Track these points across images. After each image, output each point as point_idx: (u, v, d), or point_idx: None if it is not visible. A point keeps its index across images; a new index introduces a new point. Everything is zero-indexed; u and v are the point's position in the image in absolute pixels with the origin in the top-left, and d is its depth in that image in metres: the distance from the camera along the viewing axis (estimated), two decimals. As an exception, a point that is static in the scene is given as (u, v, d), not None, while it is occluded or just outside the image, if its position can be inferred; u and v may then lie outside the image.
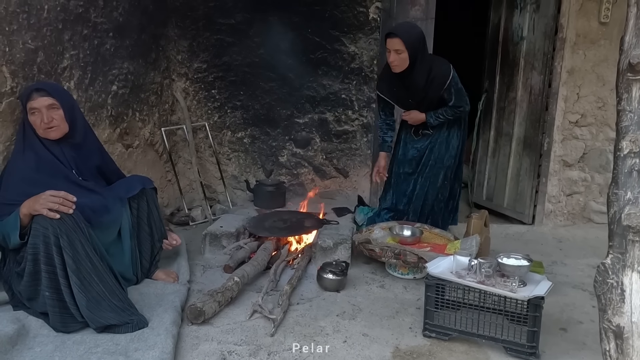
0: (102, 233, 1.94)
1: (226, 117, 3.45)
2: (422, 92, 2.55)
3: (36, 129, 1.83)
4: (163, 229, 2.27)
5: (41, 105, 1.81)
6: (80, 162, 1.94)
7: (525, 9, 3.21)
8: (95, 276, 1.71)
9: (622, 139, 1.08)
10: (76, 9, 2.23)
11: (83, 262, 1.68)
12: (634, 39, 1.07)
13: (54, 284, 1.67)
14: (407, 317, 2.01)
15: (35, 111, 1.81)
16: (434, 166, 2.70)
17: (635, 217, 1.04)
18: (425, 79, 2.51)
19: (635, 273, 1.04)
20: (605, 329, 1.10)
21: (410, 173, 2.76)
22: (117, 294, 1.77)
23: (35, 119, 1.81)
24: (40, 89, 1.84)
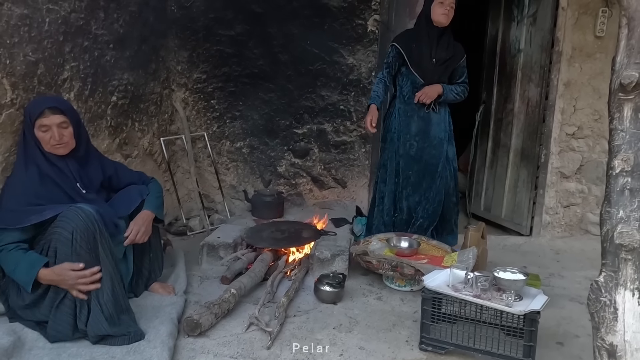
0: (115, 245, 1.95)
1: (225, 127, 3.46)
2: (446, 56, 2.60)
3: (43, 145, 1.82)
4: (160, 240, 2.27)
5: (53, 123, 1.81)
6: (84, 175, 1.96)
7: (522, 22, 3.25)
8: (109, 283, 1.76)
9: (614, 157, 1.09)
10: (77, 21, 2.26)
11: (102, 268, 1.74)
12: (625, 59, 1.09)
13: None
14: (403, 330, 2.01)
15: (46, 128, 1.81)
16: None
17: (627, 235, 1.04)
18: (452, 44, 2.63)
19: (628, 291, 1.05)
20: (598, 347, 1.10)
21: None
22: (123, 304, 1.80)
23: (44, 135, 1.81)
24: (54, 106, 1.84)
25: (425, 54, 2.60)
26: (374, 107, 2.65)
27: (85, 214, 1.73)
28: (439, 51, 2.59)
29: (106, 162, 2.14)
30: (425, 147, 2.68)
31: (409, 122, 2.67)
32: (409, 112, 2.67)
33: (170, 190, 3.34)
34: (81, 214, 1.71)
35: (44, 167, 1.82)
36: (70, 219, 1.70)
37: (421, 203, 2.72)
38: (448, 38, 2.62)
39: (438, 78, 2.61)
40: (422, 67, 2.61)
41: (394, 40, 2.70)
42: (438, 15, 2.53)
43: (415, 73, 2.62)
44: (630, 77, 1.05)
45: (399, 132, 2.70)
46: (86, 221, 1.71)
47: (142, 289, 2.13)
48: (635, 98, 1.06)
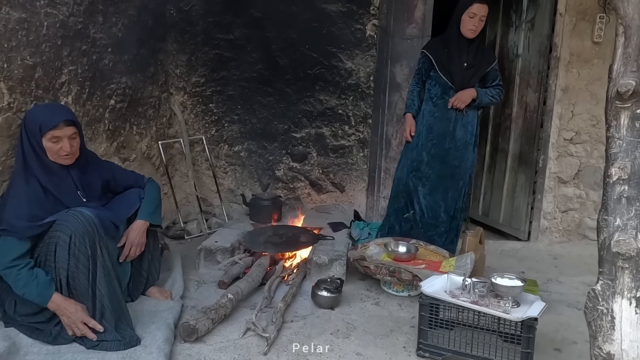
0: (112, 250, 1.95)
1: (223, 130, 3.46)
2: (475, 61, 2.63)
3: (50, 154, 1.80)
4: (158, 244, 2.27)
5: (65, 135, 1.80)
6: (85, 183, 1.95)
7: (521, 27, 3.26)
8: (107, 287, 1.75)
9: (611, 165, 1.09)
10: (75, 25, 2.25)
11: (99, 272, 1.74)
12: (622, 67, 1.09)
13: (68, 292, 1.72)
14: (401, 335, 2.00)
15: (58, 140, 1.79)
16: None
17: (624, 243, 1.04)
18: (481, 50, 2.67)
19: (625, 300, 1.05)
20: (595, 356, 1.10)
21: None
22: (121, 308, 1.80)
23: (54, 146, 1.79)
24: (69, 119, 1.82)
25: (455, 59, 2.62)
26: (410, 117, 2.71)
27: (85, 217, 1.73)
28: (469, 57, 2.62)
29: (104, 165, 2.13)
30: (449, 148, 2.67)
31: (434, 123, 2.67)
32: (435, 113, 2.67)
33: (168, 194, 3.34)
34: (80, 218, 1.72)
35: (43, 179, 1.80)
36: (69, 222, 1.71)
37: (441, 205, 2.72)
38: (477, 45, 2.65)
39: (468, 82, 2.62)
40: (452, 71, 2.63)
41: (424, 48, 2.74)
42: (466, 30, 2.56)
43: (444, 77, 2.64)
44: (627, 85, 1.05)
45: (422, 132, 2.70)
46: (85, 225, 1.71)
47: (138, 293, 2.12)
48: (632, 106, 1.07)
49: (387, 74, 3.21)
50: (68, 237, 1.68)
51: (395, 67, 3.19)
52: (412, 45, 3.15)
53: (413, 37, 3.15)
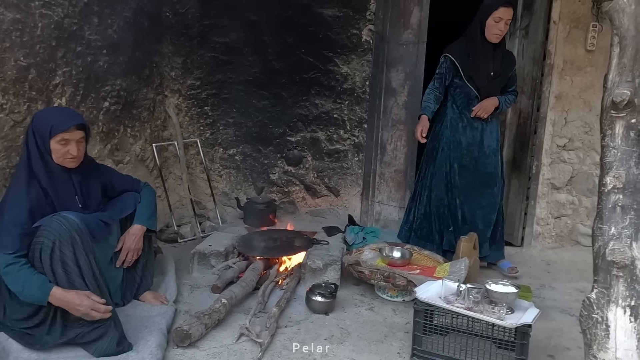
0: (102, 254, 1.93)
1: (218, 133, 3.45)
2: (501, 69, 2.59)
3: (56, 157, 1.79)
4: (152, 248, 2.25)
5: (73, 138, 1.80)
6: (84, 188, 1.94)
7: (515, 34, 3.29)
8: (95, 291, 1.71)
9: (606, 174, 1.10)
10: (70, 26, 2.24)
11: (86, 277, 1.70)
12: (617, 77, 1.10)
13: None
14: (395, 341, 2.00)
15: (66, 142, 1.79)
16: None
17: (619, 252, 1.05)
18: (506, 54, 2.63)
19: (619, 308, 1.05)
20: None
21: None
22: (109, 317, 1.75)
23: (61, 148, 1.78)
24: (80, 123, 1.82)
25: (481, 68, 2.58)
26: (424, 118, 2.65)
27: (69, 222, 1.69)
28: (495, 65, 2.57)
29: (102, 169, 2.11)
30: (479, 157, 2.65)
31: (461, 132, 2.65)
32: (461, 123, 2.65)
33: (162, 197, 3.31)
34: (64, 223, 1.68)
35: (44, 180, 1.78)
36: (52, 227, 1.67)
37: (478, 214, 2.69)
38: (502, 50, 2.62)
39: (494, 91, 2.60)
40: (479, 81, 2.59)
41: (447, 52, 2.67)
42: (491, 35, 2.52)
43: (470, 86, 2.61)
44: (622, 95, 1.07)
45: (451, 142, 2.67)
46: (69, 230, 1.68)
47: (131, 297, 2.10)
48: (627, 116, 1.08)
49: (382, 79, 3.22)
50: (52, 242, 1.65)
51: (390, 72, 3.21)
52: (408, 50, 3.18)
53: (409, 42, 3.17)
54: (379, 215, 3.38)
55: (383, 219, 3.37)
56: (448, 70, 2.65)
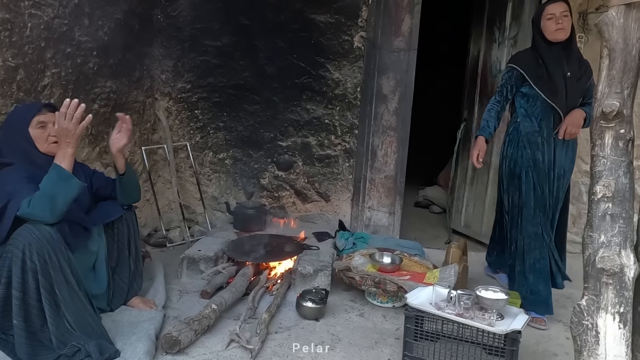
0: (81, 260, 1.89)
1: (208, 137, 3.43)
2: (579, 72, 2.25)
3: (39, 144, 1.78)
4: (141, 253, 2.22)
5: (49, 120, 1.79)
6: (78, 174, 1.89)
7: (504, 43, 3.34)
8: (69, 302, 1.65)
9: (596, 183, 1.13)
10: (60, 27, 2.21)
11: (57, 287, 1.63)
12: (607, 88, 1.13)
13: (23, 311, 1.60)
14: (386, 347, 2.00)
15: (44, 125, 1.79)
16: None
17: (608, 260, 1.07)
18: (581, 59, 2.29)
19: (609, 315, 1.07)
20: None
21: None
22: (90, 322, 1.71)
23: (42, 133, 1.78)
24: (50, 104, 1.83)
25: (553, 70, 2.23)
26: (482, 140, 2.35)
27: (40, 232, 1.61)
28: (571, 66, 2.23)
29: (85, 168, 2.08)
30: (559, 176, 2.33)
31: (544, 149, 2.28)
32: (541, 137, 2.28)
33: (151, 201, 3.28)
34: (35, 232, 1.60)
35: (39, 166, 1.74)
36: (22, 237, 1.60)
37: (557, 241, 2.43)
38: (576, 53, 2.28)
39: (573, 95, 2.25)
40: (552, 85, 2.24)
41: (511, 62, 2.37)
42: (552, 33, 2.19)
43: (542, 93, 2.25)
44: (612, 106, 1.09)
45: (532, 161, 2.29)
46: (40, 239, 1.60)
47: (119, 303, 2.06)
48: (616, 126, 1.10)
49: (374, 86, 3.24)
50: (21, 252, 1.58)
51: (382, 79, 3.23)
52: (399, 58, 3.20)
53: (400, 50, 3.20)
54: (369, 220, 3.39)
55: (373, 225, 3.38)
56: (511, 81, 2.34)
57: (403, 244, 3.07)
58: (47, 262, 1.61)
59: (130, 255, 2.11)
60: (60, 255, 1.65)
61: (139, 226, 2.29)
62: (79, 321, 1.67)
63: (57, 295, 1.63)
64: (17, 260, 1.58)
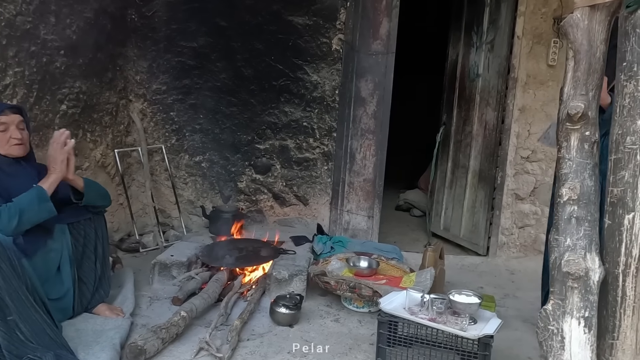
0: (43, 261, 1.81)
1: (184, 140, 3.36)
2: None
3: (2, 146, 1.77)
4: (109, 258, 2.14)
5: (12, 121, 1.78)
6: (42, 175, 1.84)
7: (481, 48, 3.36)
8: (21, 313, 1.56)
9: (562, 186, 1.11)
10: (24, 24, 2.13)
11: (7, 297, 1.53)
12: (572, 90, 1.12)
13: None
14: (360, 353, 1.97)
15: (5, 127, 1.77)
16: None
17: (574, 263, 1.06)
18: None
19: (574, 320, 1.06)
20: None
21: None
22: (47, 332, 1.63)
23: (3, 135, 1.76)
24: (13, 106, 1.84)
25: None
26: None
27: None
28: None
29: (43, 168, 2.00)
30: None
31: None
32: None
33: (124, 205, 3.19)
34: None
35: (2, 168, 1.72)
36: None
37: None
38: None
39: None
40: None
41: None
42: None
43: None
44: (577, 107, 1.08)
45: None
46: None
47: (82, 310, 1.98)
48: (582, 128, 1.09)
49: (352, 89, 3.23)
50: None
51: (360, 81, 3.21)
52: (377, 61, 3.19)
53: (378, 53, 3.19)
54: (347, 224, 3.36)
55: (352, 228, 3.35)
56: None
57: (381, 247, 3.04)
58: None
59: (97, 259, 2.03)
60: (8, 264, 1.56)
61: (108, 231, 2.22)
62: (34, 331, 1.58)
63: (7, 306, 1.53)
64: None
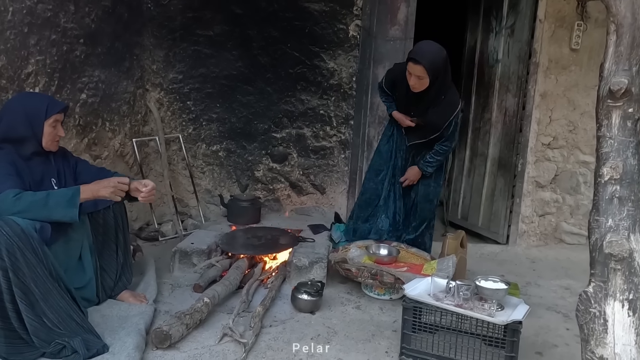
0: (64, 250, 1.83)
1: (201, 129, 3.36)
2: (425, 112, 2.46)
3: (47, 139, 1.82)
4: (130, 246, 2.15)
5: (60, 120, 1.87)
6: (61, 172, 1.91)
7: (501, 33, 3.29)
8: (47, 300, 1.58)
9: (602, 165, 1.07)
10: (44, 12, 2.13)
11: (32, 285, 1.55)
12: (614, 65, 1.07)
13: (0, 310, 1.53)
14: (383, 340, 1.95)
15: (57, 124, 1.85)
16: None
17: (617, 244, 1.02)
18: (436, 102, 2.43)
19: (617, 302, 1.03)
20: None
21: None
22: (74, 318, 1.64)
23: (53, 130, 1.83)
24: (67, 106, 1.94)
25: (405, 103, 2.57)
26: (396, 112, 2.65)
27: (10, 227, 1.53)
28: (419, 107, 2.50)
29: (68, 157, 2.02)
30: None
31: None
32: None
33: (142, 194, 3.20)
34: (4, 228, 1.52)
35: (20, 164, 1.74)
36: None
37: None
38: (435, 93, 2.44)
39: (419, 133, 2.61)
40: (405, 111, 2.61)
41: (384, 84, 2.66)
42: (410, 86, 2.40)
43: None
44: (620, 83, 1.04)
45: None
46: (10, 236, 1.52)
47: (105, 297, 2.00)
48: (624, 105, 1.05)
49: (369, 75, 3.18)
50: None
51: (377, 68, 3.17)
52: (395, 47, 3.14)
53: (396, 39, 3.14)
54: (365, 213, 3.33)
55: (369, 217, 3.33)
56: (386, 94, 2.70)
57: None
58: (19, 259, 1.52)
59: (119, 247, 2.04)
60: (32, 252, 1.56)
61: (128, 219, 2.23)
62: (61, 317, 1.60)
63: (33, 294, 1.55)
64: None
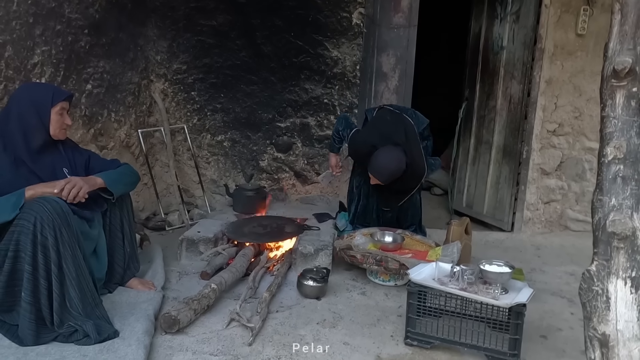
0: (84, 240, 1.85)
1: (206, 119, 3.37)
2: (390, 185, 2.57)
3: (55, 127, 1.82)
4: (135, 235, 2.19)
5: (66, 108, 1.87)
6: (72, 160, 1.93)
7: (505, 19, 3.26)
8: (77, 280, 1.64)
9: (606, 145, 1.08)
10: (49, 3, 2.14)
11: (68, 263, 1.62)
12: (618, 45, 1.07)
13: (32, 286, 1.58)
14: (388, 325, 1.98)
15: (63, 112, 1.85)
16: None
17: (620, 223, 1.03)
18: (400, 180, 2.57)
19: (620, 280, 1.04)
20: (590, 337, 1.08)
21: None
22: (89, 302, 1.69)
23: (60, 118, 1.83)
24: (71, 94, 1.93)
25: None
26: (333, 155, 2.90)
27: (51, 205, 1.61)
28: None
29: (80, 149, 2.04)
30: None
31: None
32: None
33: (148, 184, 3.24)
34: (46, 205, 1.60)
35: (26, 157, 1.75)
36: (33, 210, 1.59)
37: None
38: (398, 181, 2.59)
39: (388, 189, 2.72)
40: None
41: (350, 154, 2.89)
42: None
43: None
44: (624, 62, 1.04)
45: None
46: (51, 212, 1.59)
47: (116, 285, 2.03)
48: (628, 84, 1.05)
49: (373, 64, 3.18)
50: (31, 224, 1.57)
51: (381, 56, 3.16)
52: (399, 34, 3.13)
53: (400, 26, 3.12)
54: (369, 201, 3.34)
55: (374, 206, 3.34)
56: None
57: (404, 223, 3.02)
58: (58, 237, 1.60)
59: (125, 237, 2.07)
60: (69, 231, 1.63)
61: (133, 210, 2.25)
62: (80, 299, 1.66)
63: (65, 272, 1.61)
64: (27, 233, 1.57)
